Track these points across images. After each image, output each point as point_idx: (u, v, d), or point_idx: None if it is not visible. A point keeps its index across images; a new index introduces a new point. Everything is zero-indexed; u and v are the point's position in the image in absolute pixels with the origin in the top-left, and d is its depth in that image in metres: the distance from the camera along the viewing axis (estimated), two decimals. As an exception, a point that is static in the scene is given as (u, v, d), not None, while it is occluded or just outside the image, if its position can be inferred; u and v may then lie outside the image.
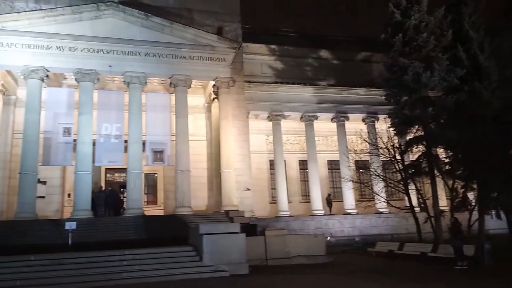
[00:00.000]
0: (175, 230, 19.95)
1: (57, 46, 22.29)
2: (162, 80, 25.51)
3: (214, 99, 26.13)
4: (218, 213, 23.63)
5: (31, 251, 15.28)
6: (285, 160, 29.53)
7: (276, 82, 30.06)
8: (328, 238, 23.57)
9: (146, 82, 23.97)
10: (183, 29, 24.17)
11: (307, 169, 30.07)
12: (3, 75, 23.10)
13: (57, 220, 21.11)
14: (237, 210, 23.49)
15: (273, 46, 31.88)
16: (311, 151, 29.35)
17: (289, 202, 28.86)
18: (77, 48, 22.57)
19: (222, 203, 23.94)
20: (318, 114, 29.91)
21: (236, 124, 25.60)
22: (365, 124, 30.65)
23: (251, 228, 19.99)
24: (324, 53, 33.12)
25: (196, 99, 27.10)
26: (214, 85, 25.30)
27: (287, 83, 29.97)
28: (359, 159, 26.35)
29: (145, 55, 23.56)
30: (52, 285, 12.59)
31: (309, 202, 29.31)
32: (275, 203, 28.97)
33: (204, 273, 14.06)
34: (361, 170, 29.40)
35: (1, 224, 20.39)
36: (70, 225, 17.33)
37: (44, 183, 23.59)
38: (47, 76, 22.54)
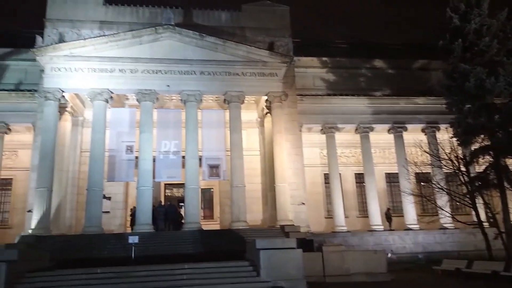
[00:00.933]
0: (231, 244, 20.15)
1: (119, 69, 23.70)
2: (217, 97, 26.19)
3: (266, 113, 26.34)
4: (274, 228, 23.54)
5: (98, 263, 16.13)
6: (340, 174, 28.88)
7: (329, 94, 29.76)
8: (389, 254, 22.54)
9: (201, 100, 24.74)
10: (235, 46, 24.75)
11: (363, 182, 29.23)
12: (71, 98, 24.89)
13: (121, 234, 22.18)
14: (293, 225, 23.28)
15: (324, 58, 31.67)
16: (367, 164, 28.53)
17: (346, 217, 28.13)
18: (137, 70, 23.85)
19: (277, 217, 23.86)
20: (373, 126, 29.09)
21: (289, 138, 25.60)
22: (425, 134, 29.31)
23: (308, 243, 19.64)
24: (378, 63, 32.34)
25: (249, 114, 27.51)
26: (266, 100, 25.55)
27: (341, 94, 29.54)
28: (420, 171, 25.10)
29: (200, 74, 24.36)
30: (118, 297, 13.14)
31: (367, 217, 28.39)
32: (331, 218, 28.36)
33: (261, 288, 14.00)
34: (422, 183, 28.04)
35: (70, 238, 21.77)
36: (133, 239, 18.08)
37: (109, 198, 24.91)
38: (111, 97, 23.98)
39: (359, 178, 30.53)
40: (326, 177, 29.45)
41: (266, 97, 25.40)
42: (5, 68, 28.01)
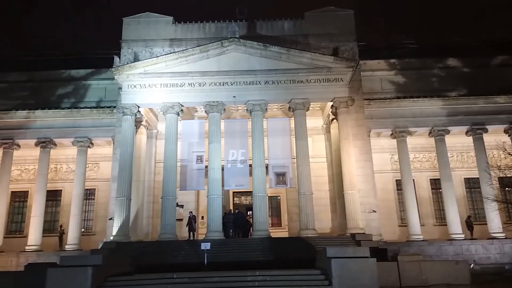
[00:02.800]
0: (300, 252, 20.03)
1: (189, 83, 24.80)
2: (281, 105, 26.34)
3: (332, 119, 25.93)
4: (344, 236, 22.96)
5: (173, 269, 16.91)
6: (413, 180, 27.43)
7: (398, 97, 28.52)
8: (472, 265, 20.88)
9: (266, 109, 25.04)
10: (299, 54, 24.78)
11: (440, 188, 27.52)
12: (146, 112, 26.47)
13: (193, 241, 22.99)
14: (364, 233, 22.55)
15: (392, 60, 30.49)
16: (444, 168, 26.80)
17: (422, 225, 26.60)
18: (205, 83, 24.79)
19: (347, 225, 23.26)
20: (449, 128, 27.33)
21: (356, 144, 24.93)
22: (508, 135, 26.97)
23: (381, 252, 18.84)
24: (451, 62, 30.41)
25: (314, 121, 27.30)
26: (332, 106, 25.17)
27: (411, 97, 28.17)
28: (504, 175, 23.07)
29: (265, 83, 24.69)
30: (193, 302, 13.60)
31: (444, 225, 26.64)
32: (405, 226, 27.00)
33: (334, 298, 13.68)
34: (507, 188, 25.72)
35: (147, 244, 23.02)
36: (205, 246, 18.66)
37: (182, 206, 25.99)
38: (182, 110, 25.12)
39: (435, 184, 28.82)
40: (398, 183, 28.18)
41: (331, 103, 25.02)
42: (88, 88, 30.64)
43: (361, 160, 24.88)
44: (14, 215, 30.08)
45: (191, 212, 24.67)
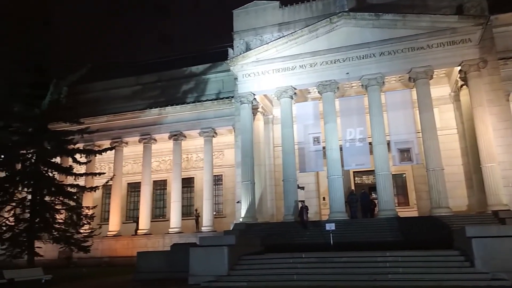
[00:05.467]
0: (432, 233, 18.83)
1: (300, 65, 24.79)
2: (400, 77, 24.65)
3: (462, 86, 23.41)
4: (484, 214, 20.80)
5: (300, 249, 17.33)
6: None
7: (542, 52, 24.32)
8: None
9: (383, 82, 23.72)
10: (417, 18, 22.79)
11: None
12: (261, 99, 27.30)
13: (317, 222, 23.20)
14: (509, 210, 20.07)
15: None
16: None
17: None
18: (316, 63, 24.48)
19: (487, 202, 20.95)
20: None
21: (493, 111, 22.08)
22: None
23: (533, 231, 16.51)
24: None
25: (439, 89, 25.10)
26: (460, 71, 22.73)
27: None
28: None
29: (380, 55, 23.36)
30: (323, 281, 13.72)
31: None
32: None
33: (478, 280, 12.44)
34: None
35: (273, 225, 23.96)
36: (330, 226, 18.67)
37: (302, 188, 26.35)
38: (295, 93, 25.30)
39: None
40: (550, 152, 24.18)
41: (459, 68, 22.55)
42: (207, 81, 32.98)
43: (500, 128, 21.97)
44: (156, 201, 34.14)
45: (303, 201, 23.46)
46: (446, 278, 12.74)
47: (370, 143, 23.64)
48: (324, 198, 26.82)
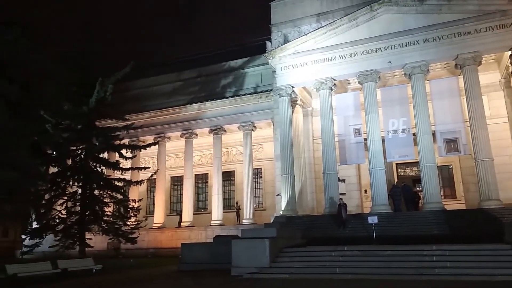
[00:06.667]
0: (481, 226, 18.07)
1: (339, 56, 24.32)
2: (446, 64, 23.59)
3: (513, 71, 22.06)
4: (539, 207, 19.60)
5: (342, 242, 17.16)
6: None
7: None
8: None
9: (428, 70, 22.83)
10: (463, 2, 21.73)
11: None
12: (300, 91, 27.07)
13: (359, 215, 22.85)
14: None
15: None
16: None
17: None
18: (356, 53, 23.93)
19: (541, 194, 19.73)
20: None
21: (548, 97, 20.67)
22: None
23: None
24: None
25: (488, 76, 23.84)
26: (511, 56, 21.37)
27: None
28: None
29: (424, 42, 22.46)
30: (366, 275, 13.52)
31: None
32: None
33: (534, 277, 11.83)
34: None
35: (313, 218, 23.82)
36: (373, 219, 18.29)
37: (343, 181, 25.96)
38: (334, 84, 24.87)
39: None
40: None
41: (510, 52, 21.25)
42: (245, 75, 33.14)
43: (558, 115, 20.60)
44: (198, 194, 34.96)
45: (341, 199, 22.28)
46: (496, 273, 12.18)
47: (414, 134, 22.89)
48: (365, 191, 26.31)
